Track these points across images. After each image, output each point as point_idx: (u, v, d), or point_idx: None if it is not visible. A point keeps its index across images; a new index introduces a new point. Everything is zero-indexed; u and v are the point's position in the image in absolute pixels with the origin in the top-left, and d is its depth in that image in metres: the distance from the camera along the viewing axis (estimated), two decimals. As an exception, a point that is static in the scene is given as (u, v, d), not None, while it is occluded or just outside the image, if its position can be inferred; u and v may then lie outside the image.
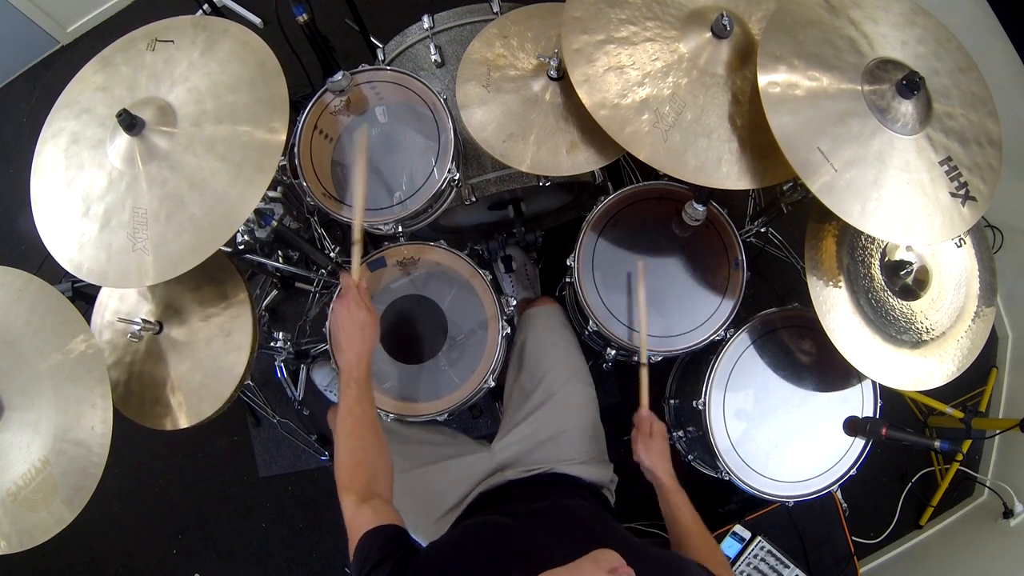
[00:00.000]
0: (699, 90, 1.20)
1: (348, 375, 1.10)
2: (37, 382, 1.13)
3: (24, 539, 1.11)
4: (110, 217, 1.14)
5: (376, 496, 0.98)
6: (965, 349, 1.37)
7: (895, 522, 2.04)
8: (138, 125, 1.13)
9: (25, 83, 2.42)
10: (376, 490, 1.00)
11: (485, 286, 1.41)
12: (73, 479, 1.09)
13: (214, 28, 1.21)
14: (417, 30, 1.59)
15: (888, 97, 1.12)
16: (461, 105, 1.32)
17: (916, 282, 1.36)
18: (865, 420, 1.36)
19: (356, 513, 0.94)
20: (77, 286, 1.39)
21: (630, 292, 1.43)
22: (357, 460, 1.03)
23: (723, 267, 1.44)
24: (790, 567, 1.60)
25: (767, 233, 1.72)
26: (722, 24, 1.17)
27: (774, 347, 1.47)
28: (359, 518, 0.93)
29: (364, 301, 1.16)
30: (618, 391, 2.02)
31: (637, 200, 1.47)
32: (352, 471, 1.01)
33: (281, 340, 1.62)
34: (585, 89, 1.19)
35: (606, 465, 1.36)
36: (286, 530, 2.08)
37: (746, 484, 1.41)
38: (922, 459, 2.09)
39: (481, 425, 2.06)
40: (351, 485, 0.99)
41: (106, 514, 2.09)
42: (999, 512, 1.88)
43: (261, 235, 1.44)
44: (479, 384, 1.38)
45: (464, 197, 1.47)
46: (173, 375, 1.31)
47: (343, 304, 1.17)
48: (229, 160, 1.13)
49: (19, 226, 2.22)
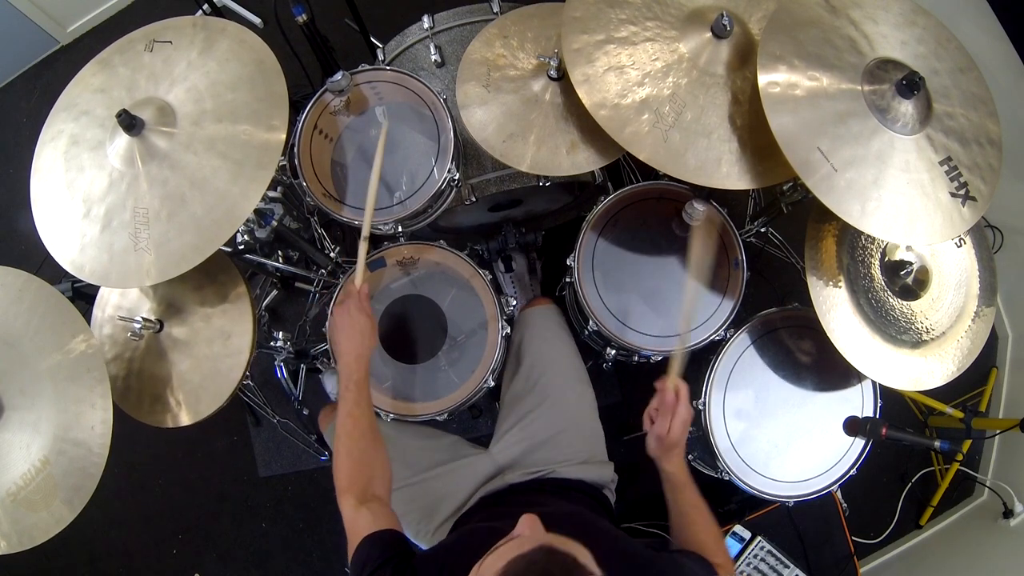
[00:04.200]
0: (699, 90, 1.20)
1: (348, 377, 1.11)
2: (37, 382, 1.13)
3: (24, 539, 1.11)
4: (111, 218, 1.15)
5: (375, 499, 0.99)
6: (965, 349, 1.37)
7: (895, 522, 2.03)
8: (137, 125, 1.13)
9: (25, 83, 2.42)
10: (375, 492, 1.01)
11: (485, 286, 1.41)
12: (73, 479, 1.09)
13: (212, 28, 1.21)
14: (417, 30, 1.59)
15: (888, 97, 1.12)
16: (461, 105, 1.32)
17: (916, 282, 1.36)
18: (865, 420, 1.36)
19: (355, 515, 0.95)
20: (77, 286, 1.40)
21: (634, 289, 1.42)
22: (356, 462, 1.03)
23: (723, 267, 1.44)
24: (790, 567, 1.60)
25: (767, 233, 1.72)
26: (722, 24, 1.17)
27: (774, 347, 1.47)
28: (358, 521, 0.93)
29: (365, 306, 1.17)
30: (618, 391, 2.02)
31: (637, 200, 1.47)
32: (351, 473, 1.01)
33: (281, 340, 1.62)
34: (585, 89, 1.19)
35: (606, 465, 1.36)
36: (286, 530, 2.08)
37: (746, 484, 1.41)
38: (922, 459, 2.09)
39: (481, 425, 2.06)
40: (350, 487, 0.99)
41: (106, 514, 2.09)
42: (999, 512, 1.88)
43: (261, 235, 1.44)
44: (479, 384, 1.38)
45: (464, 197, 1.47)
46: (173, 373, 1.31)
47: (344, 309, 1.18)
48: (230, 158, 1.13)
49: (19, 226, 2.21)
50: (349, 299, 1.18)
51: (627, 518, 1.82)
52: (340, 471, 1.02)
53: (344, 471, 1.02)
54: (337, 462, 1.03)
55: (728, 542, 1.61)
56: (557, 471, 1.28)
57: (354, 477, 1.01)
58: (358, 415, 1.07)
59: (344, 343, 1.15)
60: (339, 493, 0.99)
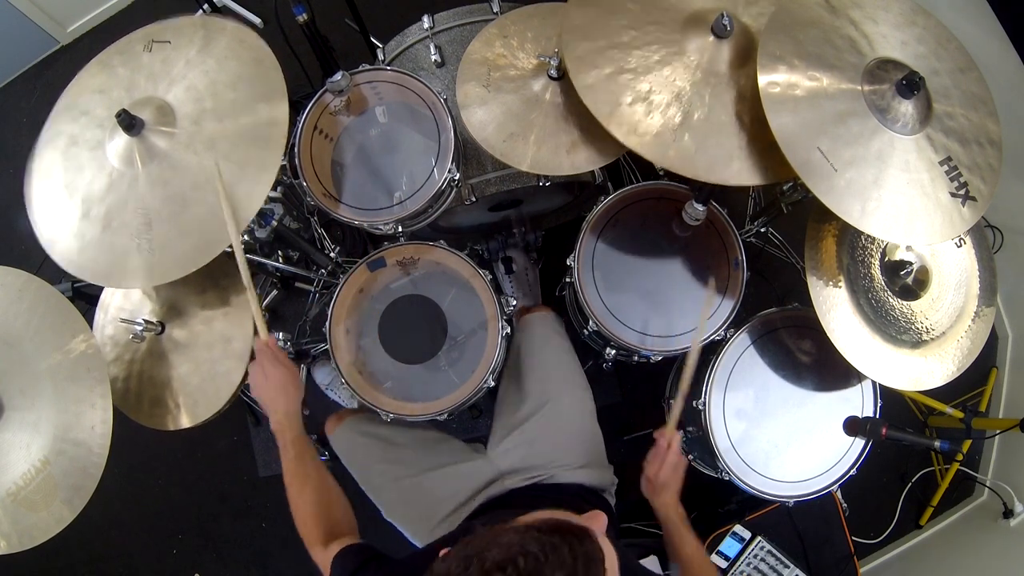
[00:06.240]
0: (705, 89, 1.19)
1: (282, 437, 1.08)
2: (37, 382, 1.13)
3: (24, 539, 1.11)
4: (111, 218, 1.14)
5: (342, 535, 1.02)
6: (965, 349, 1.37)
7: (895, 522, 2.04)
8: (137, 125, 1.13)
9: (25, 83, 2.42)
10: (340, 531, 1.03)
11: (485, 286, 1.41)
12: (73, 479, 1.09)
13: (211, 27, 1.21)
14: (417, 30, 1.59)
15: (888, 97, 1.12)
16: (461, 105, 1.32)
17: (916, 282, 1.36)
18: (865, 420, 1.36)
19: (325, 553, 0.98)
20: (77, 286, 1.40)
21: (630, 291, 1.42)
22: (313, 515, 1.04)
23: (723, 267, 1.44)
24: (790, 567, 1.60)
25: (767, 233, 1.72)
26: (722, 24, 1.17)
27: (774, 347, 1.47)
28: (328, 555, 0.97)
29: (279, 357, 1.10)
30: (618, 391, 2.02)
31: (637, 200, 1.47)
32: (312, 528, 1.03)
33: (281, 340, 1.62)
34: (591, 97, 1.18)
35: (606, 468, 1.36)
36: (286, 530, 2.07)
37: (746, 484, 1.41)
38: (922, 459, 2.09)
39: (481, 425, 2.06)
40: (317, 539, 1.02)
41: (106, 514, 2.09)
42: (999, 512, 1.88)
43: (261, 235, 1.44)
44: (479, 384, 1.38)
45: (464, 197, 1.47)
46: (173, 376, 1.31)
47: (257, 366, 1.11)
48: (230, 158, 1.13)
49: (19, 226, 2.21)
50: (260, 354, 1.11)
51: (627, 518, 1.82)
52: (302, 526, 1.04)
53: (306, 526, 1.04)
54: (297, 519, 1.04)
55: (728, 542, 1.61)
56: (556, 476, 1.28)
57: (317, 528, 1.03)
58: (303, 473, 1.06)
59: (268, 403, 1.09)
60: (308, 547, 1.02)
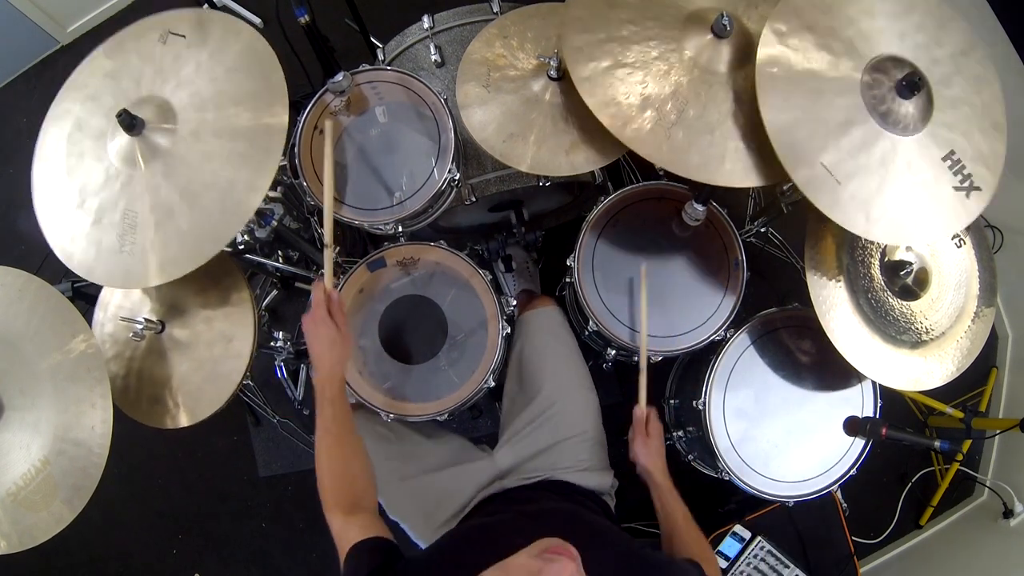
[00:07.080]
0: (701, 88, 1.19)
1: (321, 394, 1.06)
2: (37, 382, 1.13)
3: (24, 539, 1.11)
4: (102, 214, 1.14)
5: (362, 510, 0.99)
6: (965, 349, 1.37)
7: (895, 522, 2.03)
8: (138, 125, 1.13)
9: (25, 83, 2.42)
10: (362, 505, 1.00)
11: (485, 286, 1.41)
12: (73, 479, 1.10)
13: (228, 27, 1.20)
14: (417, 30, 1.59)
15: (889, 100, 1.12)
16: (461, 105, 1.32)
17: (916, 282, 1.36)
18: (865, 420, 1.36)
19: (344, 528, 0.95)
20: (77, 286, 1.39)
21: (632, 294, 1.43)
22: (339, 478, 1.02)
23: (723, 267, 1.44)
24: (790, 567, 1.60)
25: (767, 233, 1.72)
26: (722, 24, 1.17)
27: (774, 347, 1.47)
28: (347, 533, 0.93)
29: (335, 316, 1.09)
30: (618, 391, 2.01)
31: (637, 200, 1.47)
32: (336, 490, 1.01)
33: (281, 340, 1.62)
34: (587, 88, 1.18)
35: (607, 472, 1.35)
36: (286, 530, 2.08)
37: (746, 484, 1.41)
38: (922, 459, 2.09)
39: (481, 425, 2.06)
40: (337, 504, 0.99)
41: (106, 514, 2.09)
42: (999, 512, 1.88)
43: (261, 235, 1.44)
44: (479, 384, 1.38)
45: (464, 197, 1.47)
46: (173, 375, 1.31)
47: (310, 318, 1.10)
48: (232, 158, 1.13)
49: (19, 226, 2.21)
50: (316, 305, 1.09)
51: (627, 519, 1.82)
52: (324, 489, 1.01)
53: (328, 488, 1.01)
54: (321, 480, 1.02)
55: (728, 542, 1.61)
56: (556, 475, 1.28)
57: (339, 493, 1.00)
58: (337, 432, 1.05)
59: (315, 358, 1.08)
60: (326, 510, 0.99)
